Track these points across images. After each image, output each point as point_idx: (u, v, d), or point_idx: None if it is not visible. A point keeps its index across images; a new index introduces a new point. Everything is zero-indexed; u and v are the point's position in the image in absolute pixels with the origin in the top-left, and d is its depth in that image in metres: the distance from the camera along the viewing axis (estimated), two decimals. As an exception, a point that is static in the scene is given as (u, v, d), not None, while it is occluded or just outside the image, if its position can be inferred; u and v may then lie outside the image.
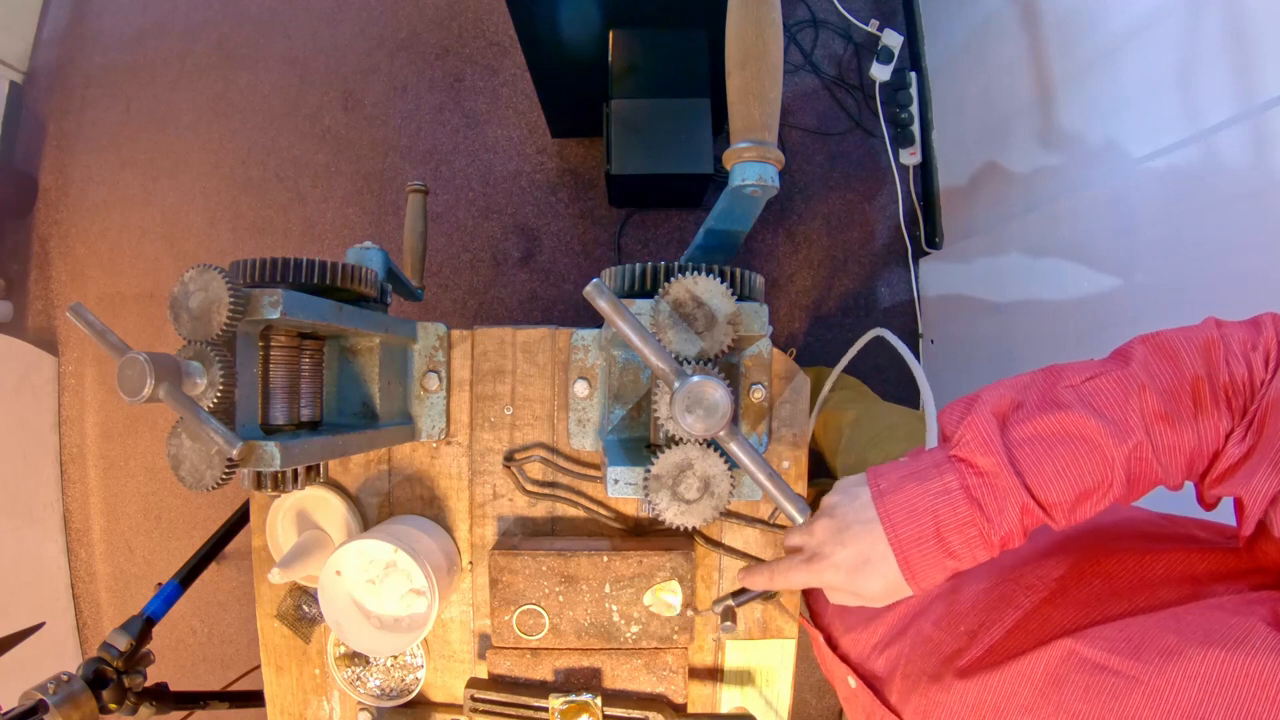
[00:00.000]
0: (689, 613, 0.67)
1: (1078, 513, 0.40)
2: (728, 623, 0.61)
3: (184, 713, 1.01)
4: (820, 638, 0.67)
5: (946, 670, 0.46)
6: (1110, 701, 0.35)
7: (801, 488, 0.76)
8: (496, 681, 0.71)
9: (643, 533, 0.77)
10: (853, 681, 0.57)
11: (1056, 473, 0.39)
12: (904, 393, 1.69)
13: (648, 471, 0.51)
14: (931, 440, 0.56)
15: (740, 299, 0.57)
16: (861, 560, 0.42)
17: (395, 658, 0.77)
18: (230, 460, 0.49)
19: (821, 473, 1.53)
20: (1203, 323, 0.42)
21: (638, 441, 0.67)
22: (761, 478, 0.48)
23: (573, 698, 0.67)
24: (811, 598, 0.76)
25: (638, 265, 0.60)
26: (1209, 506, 0.44)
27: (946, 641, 0.49)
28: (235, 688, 1.14)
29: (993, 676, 0.42)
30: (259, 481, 0.55)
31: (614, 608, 0.70)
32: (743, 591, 0.61)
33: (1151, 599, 0.40)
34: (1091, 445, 0.39)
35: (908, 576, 0.41)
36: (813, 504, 0.49)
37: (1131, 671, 0.35)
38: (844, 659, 0.61)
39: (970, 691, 0.43)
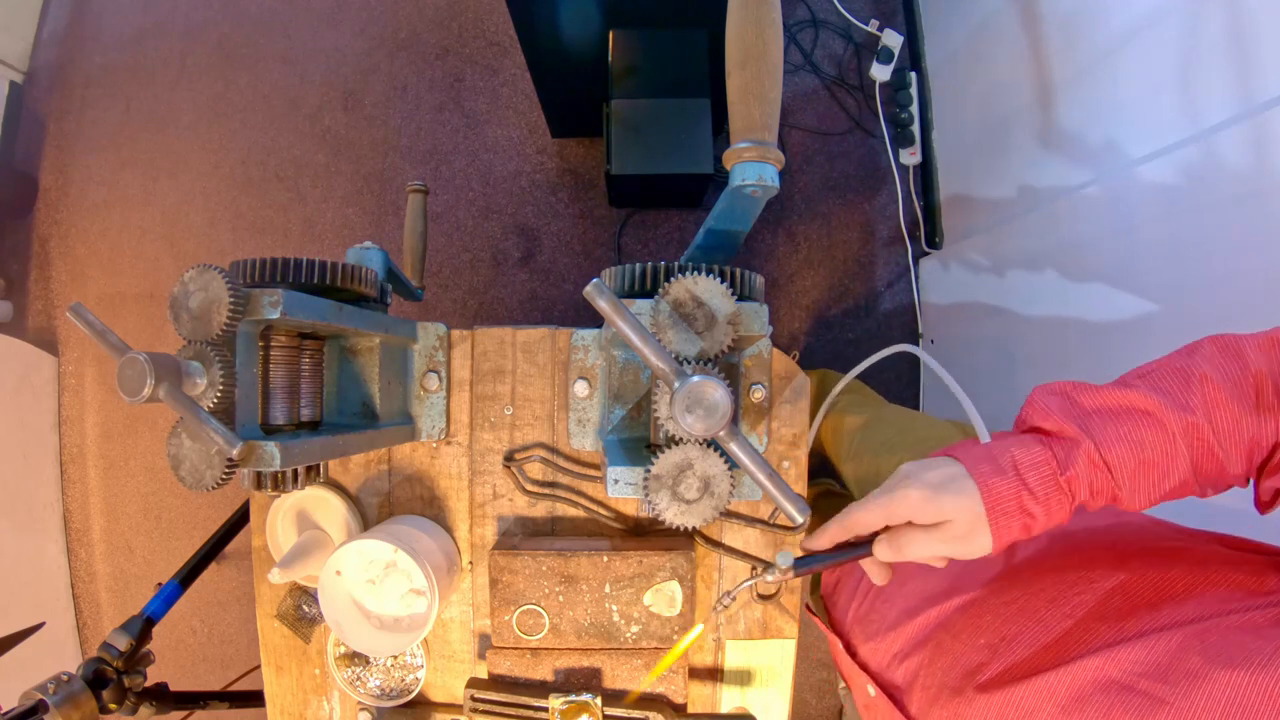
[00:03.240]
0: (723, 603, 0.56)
1: (1141, 485, 0.41)
2: (726, 598, 0.54)
3: (184, 713, 1.01)
4: (839, 644, 0.66)
5: (967, 684, 0.46)
6: None
7: (801, 488, 0.76)
8: (496, 681, 0.71)
9: (643, 533, 0.77)
10: (872, 690, 0.56)
11: (1119, 436, 0.40)
12: (904, 391, 1.69)
13: (648, 471, 0.51)
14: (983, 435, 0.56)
15: (740, 299, 0.57)
16: (945, 480, 0.42)
17: (395, 658, 0.77)
18: (230, 460, 0.49)
19: (825, 475, 1.53)
20: (1273, 328, 0.43)
21: (638, 441, 0.67)
22: (761, 478, 0.48)
23: (573, 698, 0.67)
24: (831, 602, 0.76)
25: (638, 265, 0.60)
26: (1265, 506, 0.44)
27: (967, 654, 0.48)
28: (235, 688, 1.14)
29: (1015, 692, 0.42)
30: (259, 481, 0.55)
31: (614, 608, 0.70)
32: (808, 558, 0.49)
33: (1175, 614, 0.40)
34: (1152, 418, 0.40)
35: (989, 507, 0.41)
36: (812, 504, 0.49)
37: (1158, 693, 0.36)
38: (863, 667, 0.60)
39: (992, 707, 0.43)
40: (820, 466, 1.54)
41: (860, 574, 0.69)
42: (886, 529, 0.46)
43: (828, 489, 1.42)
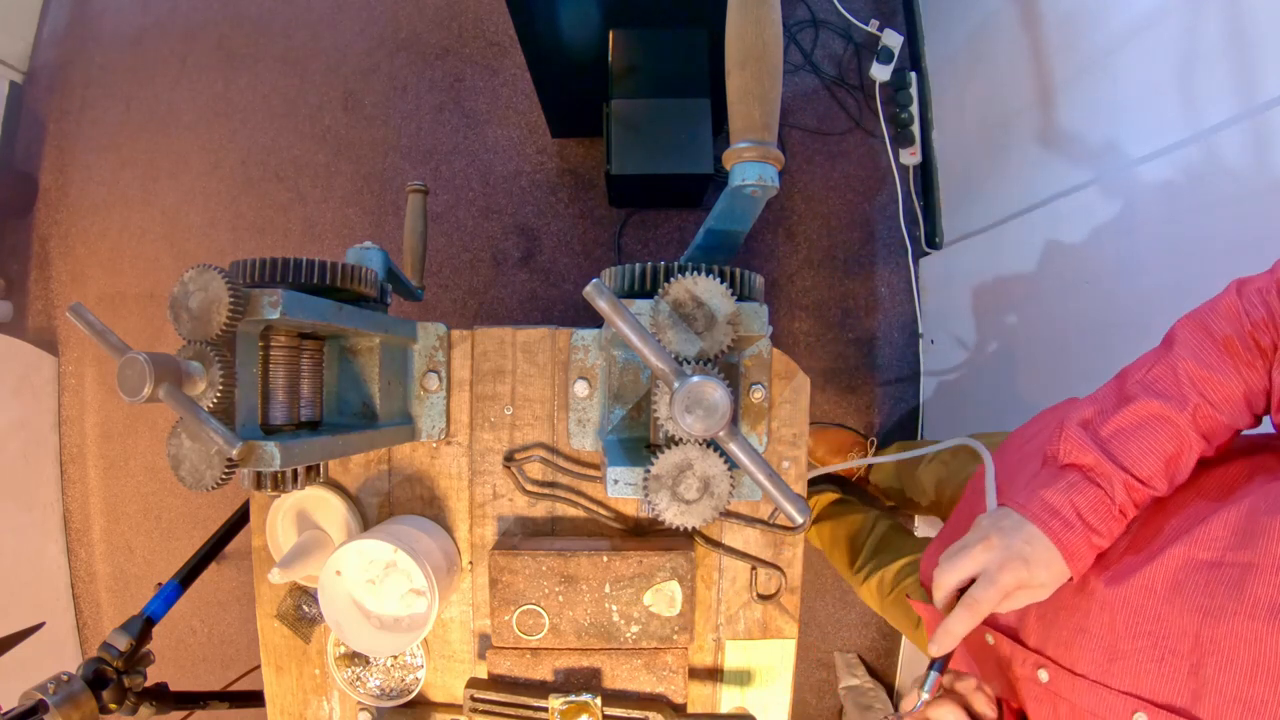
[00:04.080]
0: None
1: (1173, 474, 0.48)
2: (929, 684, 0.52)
3: (184, 713, 1.01)
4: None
5: (1071, 593, 0.50)
6: (1231, 590, 0.41)
7: (801, 488, 0.76)
8: (496, 681, 0.71)
9: (643, 533, 0.77)
10: (990, 638, 0.58)
11: (1143, 451, 0.47)
12: (903, 390, 1.69)
13: (648, 472, 0.51)
14: (991, 503, 0.61)
15: (740, 299, 0.57)
16: (1028, 556, 0.48)
17: (395, 658, 0.77)
18: (230, 460, 0.49)
19: (829, 482, 1.54)
20: (1227, 288, 0.50)
21: (638, 441, 0.67)
22: (761, 478, 0.48)
23: (573, 698, 0.67)
24: (925, 575, 0.75)
25: (638, 265, 0.60)
26: None
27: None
28: (235, 688, 1.14)
29: (1119, 592, 0.47)
30: (259, 481, 0.55)
31: (614, 608, 0.70)
32: (940, 660, 0.52)
33: (1240, 493, 0.45)
34: (1161, 420, 0.47)
35: (1067, 557, 0.48)
36: (820, 513, 0.52)
37: (1243, 559, 0.41)
38: None
39: (1105, 607, 0.47)
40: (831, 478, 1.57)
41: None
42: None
43: (837, 497, 1.42)
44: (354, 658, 0.77)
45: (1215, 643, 0.40)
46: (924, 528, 1.59)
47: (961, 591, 0.51)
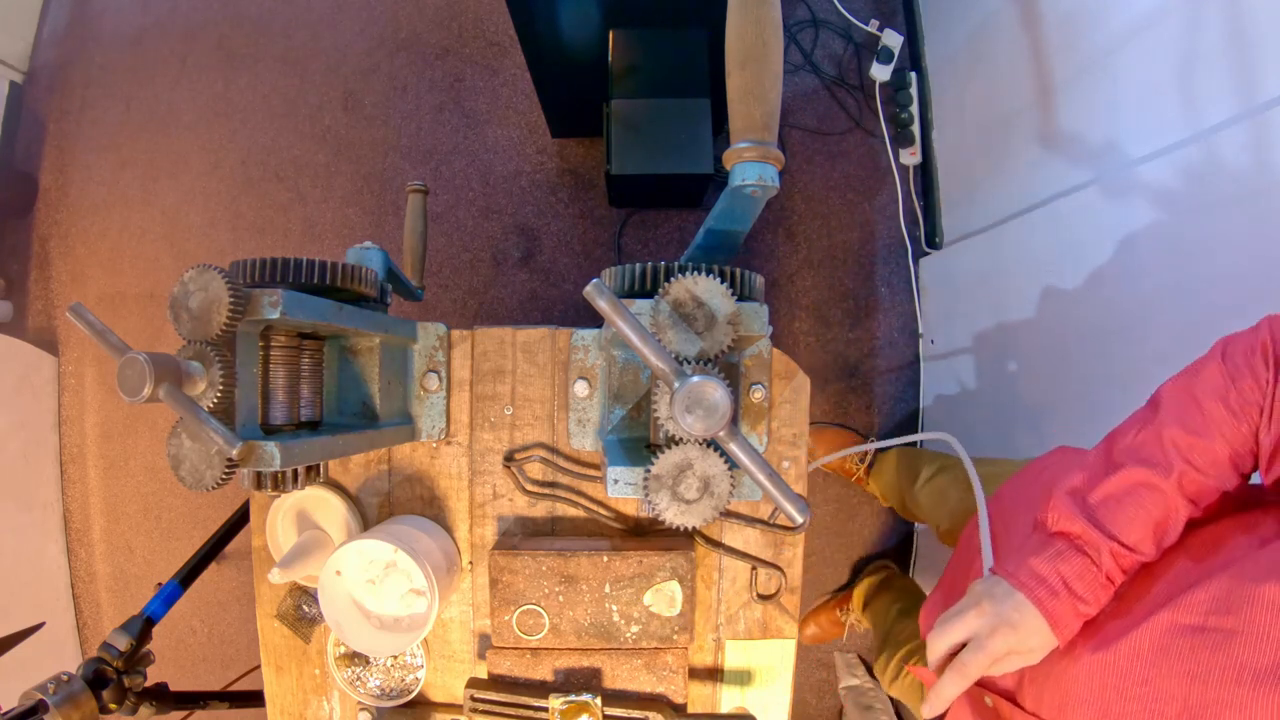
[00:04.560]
0: None
1: (1160, 538, 0.49)
2: None
3: (184, 713, 1.01)
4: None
5: (1061, 657, 0.51)
6: (1216, 655, 0.41)
7: (801, 488, 0.76)
8: (496, 681, 0.71)
9: (643, 533, 0.77)
10: (989, 700, 0.59)
11: (1129, 518, 0.49)
12: (905, 390, 1.69)
13: (648, 471, 0.51)
14: (987, 558, 0.65)
15: (740, 299, 0.57)
16: (1016, 623, 0.50)
17: (395, 658, 0.77)
18: (230, 460, 0.49)
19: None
20: (1212, 349, 0.51)
21: (638, 441, 0.67)
22: (761, 478, 0.48)
23: (573, 698, 0.67)
24: (924, 632, 0.78)
25: (638, 265, 0.60)
26: (1276, 489, 0.50)
27: None
28: (235, 688, 1.14)
29: (1106, 656, 0.47)
30: (259, 481, 0.55)
31: (614, 608, 0.70)
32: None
33: (1221, 559, 0.46)
34: (1148, 486, 0.49)
35: (1053, 625, 0.49)
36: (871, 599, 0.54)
37: (1227, 625, 0.42)
38: (978, 682, 0.63)
39: (1094, 671, 0.48)
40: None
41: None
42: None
43: (879, 578, 1.50)
44: (354, 658, 0.77)
45: (1204, 707, 0.41)
46: (925, 540, 1.59)
47: (954, 656, 0.53)
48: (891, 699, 1.48)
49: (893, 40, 1.69)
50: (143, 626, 0.89)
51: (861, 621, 1.51)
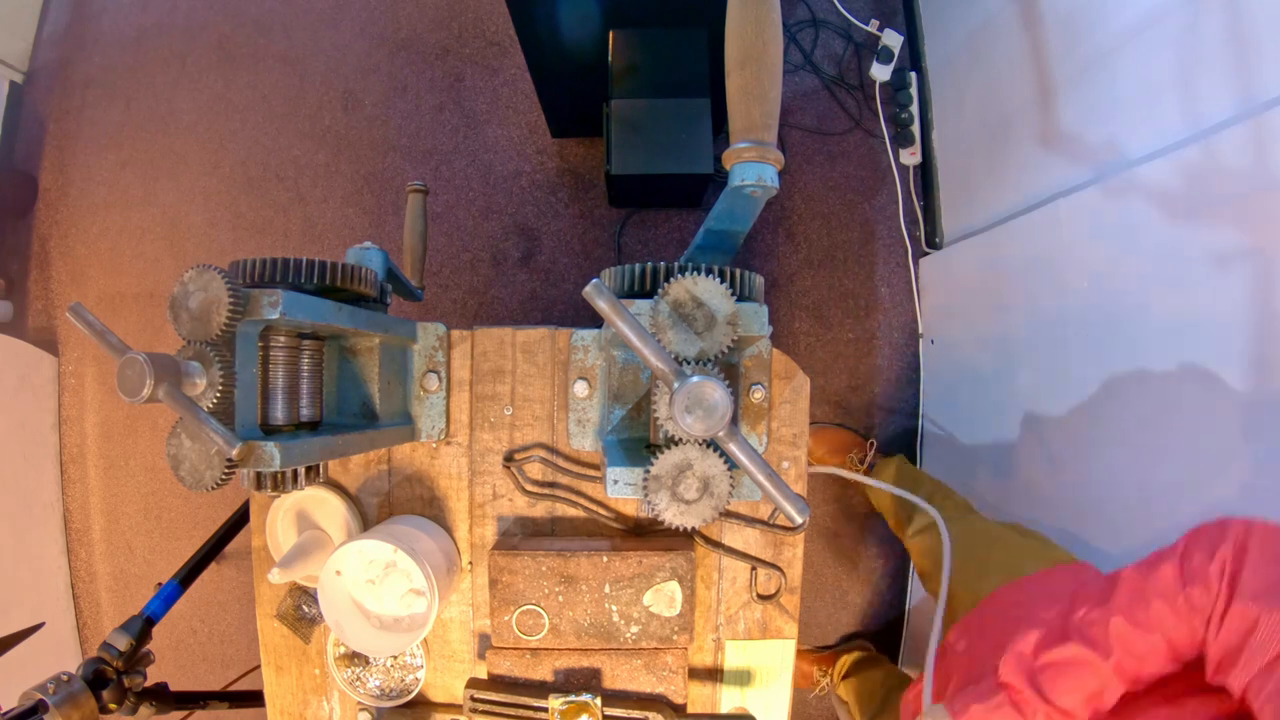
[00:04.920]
0: None
1: (1095, 707, 0.53)
2: None
3: (184, 713, 1.01)
4: None
5: None
6: None
7: (801, 488, 0.76)
8: (496, 681, 0.71)
9: (643, 533, 0.77)
10: None
11: (1066, 688, 0.53)
12: (903, 390, 1.69)
13: (647, 472, 0.51)
14: (928, 698, 0.70)
15: (740, 299, 0.57)
16: None
17: (395, 658, 0.77)
18: (230, 460, 0.49)
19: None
20: (1174, 545, 0.54)
21: (637, 441, 0.67)
22: (761, 478, 0.48)
23: (572, 698, 0.67)
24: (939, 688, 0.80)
25: (637, 265, 0.60)
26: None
27: None
28: (235, 688, 1.14)
29: None
30: (259, 481, 0.55)
31: (614, 608, 0.70)
32: None
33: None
34: (1087, 664, 0.53)
35: None
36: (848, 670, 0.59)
37: None
38: None
39: None
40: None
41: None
42: None
43: (861, 655, 1.54)
44: (354, 658, 0.77)
45: None
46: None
47: None
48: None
49: (893, 40, 1.69)
50: (143, 626, 0.89)
51: (837, 688, 1.52)
